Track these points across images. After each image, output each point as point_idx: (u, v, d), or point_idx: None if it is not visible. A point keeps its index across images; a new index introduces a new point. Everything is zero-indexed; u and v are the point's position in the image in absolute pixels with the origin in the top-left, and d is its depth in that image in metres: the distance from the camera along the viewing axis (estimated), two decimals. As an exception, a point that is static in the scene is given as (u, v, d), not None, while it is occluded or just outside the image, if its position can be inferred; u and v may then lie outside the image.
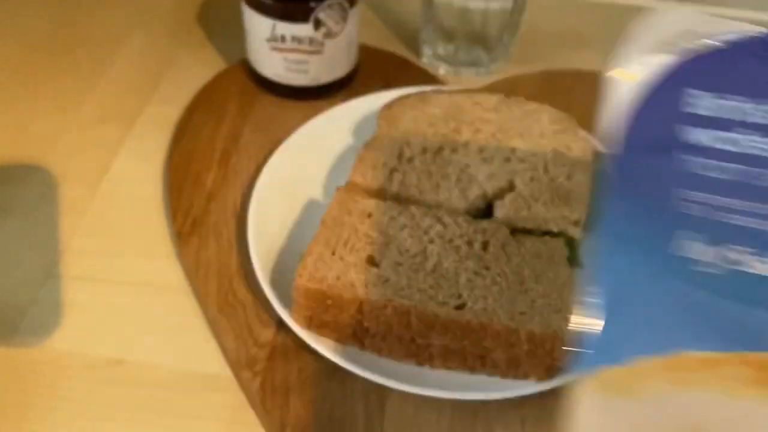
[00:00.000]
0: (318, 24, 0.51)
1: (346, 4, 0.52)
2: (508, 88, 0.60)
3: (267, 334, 0.42)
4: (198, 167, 0.52)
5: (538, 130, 0.47)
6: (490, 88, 0.60)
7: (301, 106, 0.56)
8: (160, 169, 0.53)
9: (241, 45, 0.57)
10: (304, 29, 0.51)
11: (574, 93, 0.60)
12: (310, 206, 0.48)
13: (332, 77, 0.56)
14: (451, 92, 0.51)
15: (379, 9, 0.68)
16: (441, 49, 0.62)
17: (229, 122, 0.55)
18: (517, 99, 0.50)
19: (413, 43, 0.65)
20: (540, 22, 0.68)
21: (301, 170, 0.49)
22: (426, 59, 0.63)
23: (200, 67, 0.61)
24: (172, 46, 0.63)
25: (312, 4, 0.50)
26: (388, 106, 0.50)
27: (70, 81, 0.60)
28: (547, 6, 0.71)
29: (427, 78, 0.60)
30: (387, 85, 0.58)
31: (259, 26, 0.52)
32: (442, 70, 0.62)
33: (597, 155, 0.47)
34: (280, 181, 0.48)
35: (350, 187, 0.44)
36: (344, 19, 0.52)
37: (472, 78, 0.62)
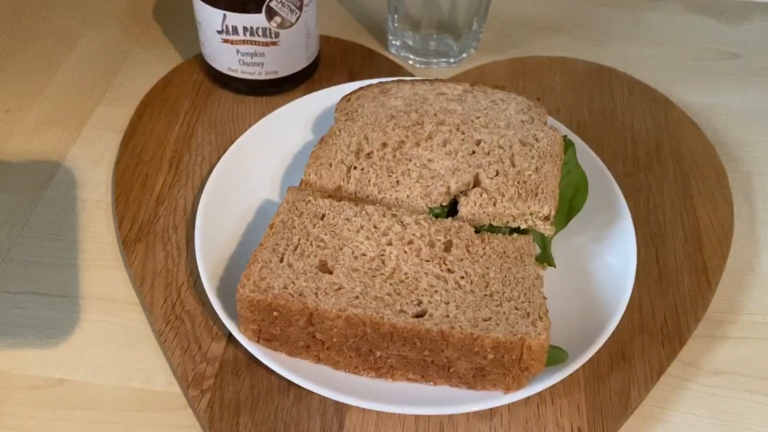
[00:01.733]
0: (271, 14, 0.48)
1: (301, -8, 0.49)
2: (478, 77, 0.57)
3: (216, 348, 0.39)
4: (147, 169, 0.49)
5: (505, 120, 0.44)
6: (460, 78, 0.57)
7: (258, 102, 0.53)
8: (110, 172, 0.50)
9: (197, 40, 0.53)
10: (257, 20, 0.48)
11: (545, 79, 0.57)
12: (265, 207, 0.45)
13: (290, 70, 0.52)
14: (413, 82, 0.48)
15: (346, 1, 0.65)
16: (408, 39, 0.59)
17: (181, 121, 0.52)
18: (483, 88, 0.47)
19: (379, 33, 0.61)
20: (510, 9, 0.65)
21: (256, 169, 0.46)
22: (393, 50, 0.60)
23: (155, 65, 0.57)
24: (125, 44, 0.60)
25: (263, -7, 0.47)
26: (347, 98, 0.47)
27: (16, 83, 0.56)
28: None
29: (394, 69, 0.57)
30: (351, 77, 0.55)
31: (209, 18, 0.49)
32: (410, 61, 0.59)
33: (566, 145, 0.44)
34: (232, 181, 0.45)
35: (303, 186, 0.41)
36: (300, 8, 0.49)
37: (441, 68, 0.59)
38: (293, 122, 0.49)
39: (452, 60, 0.59)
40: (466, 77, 0.57)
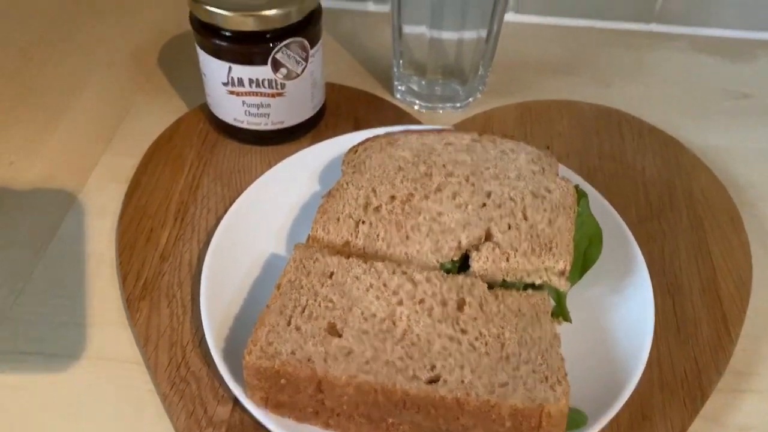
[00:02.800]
0: (277, 65, 0.48)
1: (307, 43, 0.48)
2: (485, 123, 0.57)
3: (223, 411, 0.38)
4: (151, 223, 0.48)
5: (515, 171, 0.43)
6: (467, 124, 0.56)
7: (265, 152, 0.53)
8: (114, 225, 0.49)
9: (202, 89, 0.53)
10: (262, 72, 0.48)
11: (554, 124, 0.57)
12: (273, 262, 0.44)
13: (297, 120, 0.52)
14: (421, 132, 0.47)
15: (346, 44, 0.65)
16: (414, 85, 0.59)
17: (187, 172, 0.51)
18: (492, 137, 0.46)
19: (385, 78, 0.61)
20: (515, 51, 0.65)
21: (263, 223, 0.46)
22: (398, 95, 0.59)
23: (160, 114, 0.57)
24: (130, 93, 0.60)
25: (269, 45, 0.47)
26: (353, 150, 0.46)
27: (20, 134, 0.56)
28: (522, 33, 0.68)
29: (400, 115, 0.57)
30: (357, 125, 0.55)
31: (214, 70, 0.49)
32: (416, 107, 0.59)
33: (579, 195, 0.43)
34: (238, 235, 0.44)
35: (311, 242, 0.41)
36: (305, 58, 0.49)
37: (448, 113, 0.58)
38: (300, 173, 0.49)
39: (458, 105, 0.58)
40: (474, 122, 0.56)
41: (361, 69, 0.62)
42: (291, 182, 0.48)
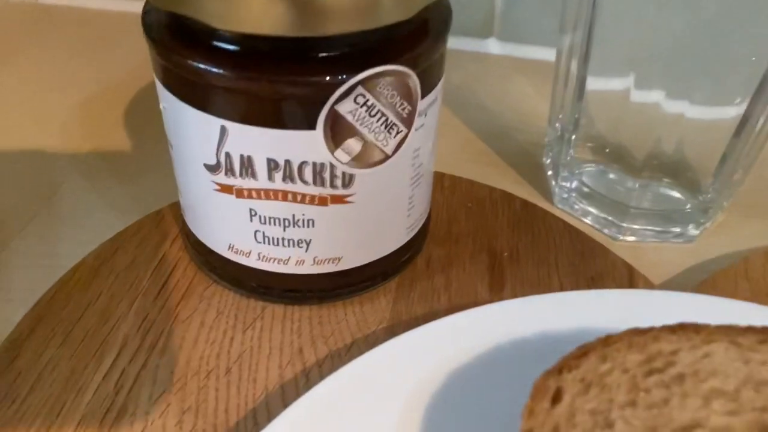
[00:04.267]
0: (338, 132, 0.20)
1: (416, 81, 0.20)
2: (744, 278, 0.27)
3: None
4: None
5: None
6: (707, 285, 0.27)
7: (301, 320, 0.24)
8: None
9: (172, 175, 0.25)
10: (301, 145, 0.20)
11: None
12: None
13: (371, 254, 0.23)
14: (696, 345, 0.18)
15: (457, 104, 0.37)
16: (592, 181, 0.30)
17: (115, 358, 0.23)
18: None
19: (532, 168, 0.33)
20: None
21: None
22: (560, 204, 0.31)
23: (88, 219, 0.29)
24: (52, 172, 0.32)
25: (323, 80, 0.19)
26: (541, 393, 0.17)
27: None
28: None
29: (566, 245, 0.28)
30: (494, 270, 0.26)
31: (191, 136, 0.21)
32: (589, 221, 0.30)
33: None
34: None
35: None
36: (408, 117, 0.21)
37: (659, 248, 0.29)
38: (385, 388, 0.20)
39: (679, 229, 0.29)
40: (725, 279, 0.27)
41: (483, 147, 0.34)
42: (376, 408, 0.19)
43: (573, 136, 0.30)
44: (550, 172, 0.32)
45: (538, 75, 0.38)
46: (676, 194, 0.30)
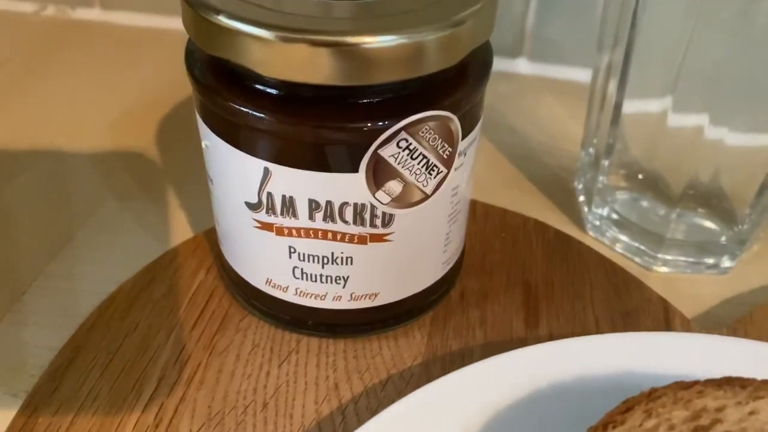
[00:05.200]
0: (382, 175, 0.20)
1: (457, 125, 0.20)
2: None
3: None
4: None
5: None
6: (745, 321, 0.27)
7: (326, 356, 0.24)
8: None
9: (209, 207, 0.25)
10: (344, 186, 0.20)
11: None
12: None
13: (407, 290, 0.23)
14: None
15: (493, 128, 0.37)
16: (625, 209, 0.30)
17: (149, 400, 0.23)
18: None
19: (563, 195, 0.33)
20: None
21: None
22: (592, 231, 0.31)
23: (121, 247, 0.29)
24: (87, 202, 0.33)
25: (366, 127, 0.19)
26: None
27: None
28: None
29: (605, 276, 0.28)
30: (528, 303, 0.26)
31: (234, 174, 0.21)
32: (621, 249, 0.30)
33: None
34: None
35: None
36: (448, 159, 0.21)
37: (693, 280, 0.29)
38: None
39: (712, 261, 0.29)
40: (763, 316, 0.27)
41: (513, 171, 0.34)
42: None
43: (606, 162, 0.30)
44: (581, 198, 0.32)
45: (569, 95, 0.38)
46: (711, 225, 0.30)
